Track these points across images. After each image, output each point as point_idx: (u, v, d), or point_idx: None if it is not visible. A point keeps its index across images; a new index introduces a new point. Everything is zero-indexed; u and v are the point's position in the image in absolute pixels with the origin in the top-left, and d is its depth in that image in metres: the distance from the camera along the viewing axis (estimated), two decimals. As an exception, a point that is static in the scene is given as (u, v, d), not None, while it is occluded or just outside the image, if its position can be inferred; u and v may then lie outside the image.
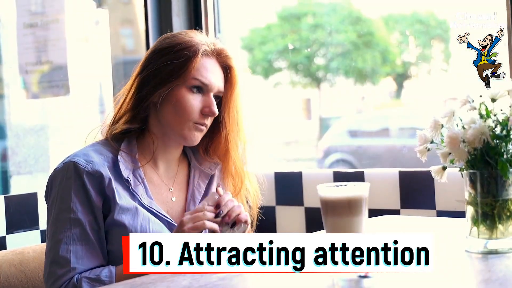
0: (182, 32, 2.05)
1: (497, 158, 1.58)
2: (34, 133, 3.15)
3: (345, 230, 1.48)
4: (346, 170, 2.72)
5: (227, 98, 2.04)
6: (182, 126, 1.95)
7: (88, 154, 1.92)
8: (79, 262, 1.83)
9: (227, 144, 2.07)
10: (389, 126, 7.03)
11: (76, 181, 1.86)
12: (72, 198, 1.85)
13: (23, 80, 3.05)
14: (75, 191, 1.86)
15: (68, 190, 1.86)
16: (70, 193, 1.86)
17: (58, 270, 1.83)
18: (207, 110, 1.95)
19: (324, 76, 8.55)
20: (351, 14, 7.28)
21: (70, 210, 1.85)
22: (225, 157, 2.09)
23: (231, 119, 2.05)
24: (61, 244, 1.84)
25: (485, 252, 1.61)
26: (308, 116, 8.75)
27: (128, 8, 3.71)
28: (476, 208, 1.62)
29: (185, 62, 1.94)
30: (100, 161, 1.91)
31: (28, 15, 3.02)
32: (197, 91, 1.96)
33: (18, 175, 3.09)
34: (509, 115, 1.60)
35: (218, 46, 2.03)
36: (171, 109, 1.95)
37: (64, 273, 1.82)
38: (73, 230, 1.85)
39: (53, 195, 1.90)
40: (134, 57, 3.74)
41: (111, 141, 1.97)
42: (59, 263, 1.83)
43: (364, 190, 1.50)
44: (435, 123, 1.67)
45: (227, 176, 2.11)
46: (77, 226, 1.85)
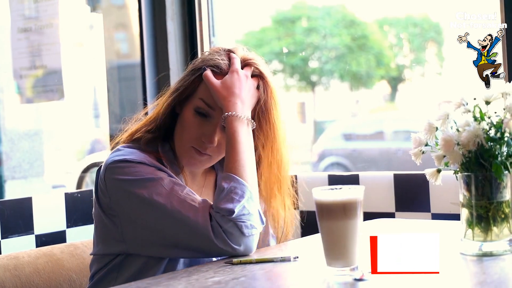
0: (225, 50, 1.99)
1: (492, 161, 1.58)
2: (29, 137, 3.15)
3: (340, 234, 1.49)
4: (341, 173, 2.72)
5: (256, 111, 1.94)
6: (180, 148, 1.91)
7: (135, 153, 1.86)
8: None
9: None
10: (384, 129, 7.04)
11: (137, 165, 1.81)
12: (140, 170, 1.79)
13: (17, 85, 3.05)
14: (139, 167, 1.80)
15: (133, 173, 1.80)
16: (137, 172, 1.79)
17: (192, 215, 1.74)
18: (205, 138, 1.87)
19: (318, 79, 8.56)
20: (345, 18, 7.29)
21: (148, 178, 1.78)
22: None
23: (262, 134, 1.94)
24: (168, 200, 1.75)
25: (480, 255, 1.61)
26: (302, 120, 8.75)
27: (122, 12, 3.71)
28: (471, 211, 1.62)
29: (196, 81, 1.92)
30: (151, 160, 1.85)
31: (22, 20, 3.02)
32: (202, 115, 1.89)
33: (12, 179, 3.08)
34: (503, 118, 1.60)
35: (249, 61, 1.97)
36: (179, 126, 1.92)
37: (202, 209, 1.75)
38: (164, 183, 1.78)
39: (120, 191, 1.82)
40: (128, 61, 3.74)
41: (145, 146, 1.91)
42: (187, 211, 1.75)
43: (359, 193, 1.50)
44: (430, 126, 1.68)
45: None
46: (164, 179, 1.78)
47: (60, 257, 2.25)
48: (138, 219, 1.78)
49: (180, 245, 1.76)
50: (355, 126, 7.66)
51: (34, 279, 2.14)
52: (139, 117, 2.04)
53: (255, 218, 1.76)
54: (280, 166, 1.98)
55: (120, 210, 1.82)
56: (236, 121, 1.84)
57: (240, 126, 1.84)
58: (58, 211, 2.64)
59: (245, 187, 1.77)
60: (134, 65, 3.30)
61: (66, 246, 2.33)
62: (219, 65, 1.93)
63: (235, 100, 1.86)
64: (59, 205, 2.65)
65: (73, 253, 2.29)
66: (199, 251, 1.76)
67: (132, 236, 1.81)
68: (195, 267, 1.67)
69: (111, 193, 1.83)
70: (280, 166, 1.98)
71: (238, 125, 1.84)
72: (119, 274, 1.86)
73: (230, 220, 1.72)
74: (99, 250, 1.91)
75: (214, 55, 1.96)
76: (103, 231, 1.89)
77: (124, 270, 1.85)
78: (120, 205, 1.82)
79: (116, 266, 1.87)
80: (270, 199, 1.99)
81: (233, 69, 1.91)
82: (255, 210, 1.77)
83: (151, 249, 1.80)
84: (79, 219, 2.69)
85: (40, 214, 2.58)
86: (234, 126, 1.84)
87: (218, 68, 1.92)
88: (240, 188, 1.76)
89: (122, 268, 1.86)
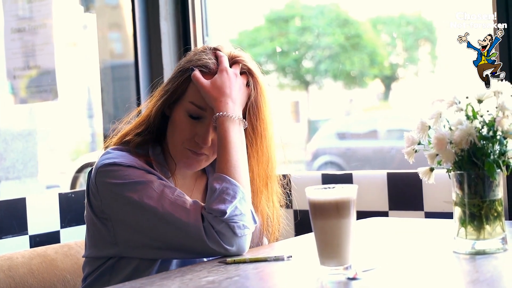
0: (211, 49, 1.98)
1: (484, 159, 1.59)
2: (22, 138, 3.14)
3: (333, 233, 1.49)
4: (335, 172, 2.72)
5: (246, 108, 1.93)
6: (175, 150, 1.90)
7: (124, 156, 1.86)
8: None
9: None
10: (377, 128, 7.04)
11: (127, 168, 1.81)
12: (130, 174, 1.79)
13: (11, 85, 3.05)
14: (129, 170, 1.80)
15: (123, 177, 1.79)
16: (126, 176, 1.79)
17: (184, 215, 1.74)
18: (198, 139, 1.87)
19: (312, 78, 8.56)
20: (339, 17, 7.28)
21: (138, 181, 1.78)
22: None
23: (252, 131, 1.94)
24: (159, 203, 1.75)
25: (472, 253, 1.61)
26: (296, 119, 8.75)
27: (116, 12, 3.71)
28: (464, 209, 1.63)
29: (185, 83, 1.91)
30: (140, 163, 1.85)
31: (15, 20, 3.01)
32: (194, 117, 1.89)
33: (6, 180, 3.08)
34: (496, 116, 1.60)
35: (237, 58, 1.96)
36: (170, 128, 1.92)
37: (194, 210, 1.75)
38: (154, 186, 1.78)
39: (111, 195, 1.81)
40: (122, 61, 3.74)
41: (134, 149, 1.90)
42: (178, 212, 1.74)
43: (352, 192, 1.51)
44: (422, 125, 1.68)
45: None
46: (154, 182, 1.78)
47: (54, 257, 2.25)
48: (130, 222, 1.78)
49: (172, 247, 1.76)
50: (349, 125, 7.66)
51: (28, 279, 2.14)
52: (128, 119, 2.03)
53: (247, 218, 1.76)
54: (269, 163, 1.97)
55: (112, 213, 1.82)
56: (228, 122, 1.84)
57: (231, 126, 1.84)
58: (52, 212, 2.64)
59: (237, 187, 1.77)
60: (128, 65, 3.29)
61: (60, 246, 2.33)
62: (207, 64, 1.92)
63: (226, 100, 1.86)
64: (53, 205, 2.64)
65: (67, 254, 2.29)
66: (191, 252, 1.76)
67: (124, 238, 1.81)
68: (188, 266, 1.67)
69: (102, 196, 1.83)
70: (269, 163, 1.97)
71: (230, 125, 1.84)
72: (112, 277, 1.86)
73: (222, 221, 1.72)
74: (91, 253, 1.90)
75: (201, 54, 1.95)
76: (95, 234, 1.88)
77: (116, 273, 1.85)
78: (112, 208, 1.81)
79: (108, 269, 1.87)
80: (257, 195, 1.98)
81: (221, 68, 1.90)
82: (247, 211, 1.77)
83: (144, 251, 1.80)
84: (73, 220, 2.69)
85: (34, 215, 2.58)
86: (225, 127, 1.83)
87: (206, 67, 1.91)
88: (232, 189, 1.76)
89: (114, 271, 1.86)
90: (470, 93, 1.64)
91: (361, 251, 1.66)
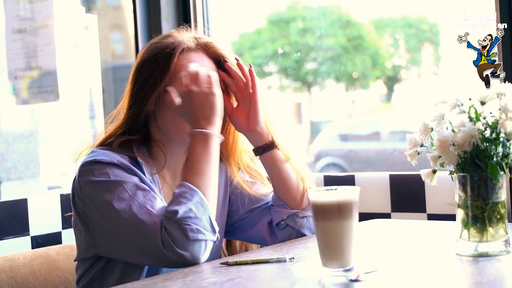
0: (165, 35, 2.01)
1: (487, 161, 1.58)
2: (24, 139, 3.14)
3: (335, 234, 1.49)
4: (337, 174, 2.72)
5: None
6: (183, 133, 1.89)
7: (107, 154, 1.85)
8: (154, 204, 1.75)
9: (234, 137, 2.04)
10: (380, 130, 7.04)
11: (106, 166, 1.80)
12: (108, 172, 1.79)
13: (13, 86, 3.04)
14: (107, 169, 1.80)
15: (101, 175, 1.79)
16: (104, 174, 1.79)
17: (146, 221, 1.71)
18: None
19: (314, 80, 8.56)
20: (341, 18, 7.29)
21: (114, 181, 1.77)
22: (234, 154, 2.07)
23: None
24: (127, 204, 1.73)
25: (475, 255, 1.61)
26: (299, 120, 8.75)
27: (118, 13, 3.71)
28: (467, 211, 1.62)
29: (167, 62, 1.90)
30: (124, 160, 1.84)
31: (16, 21, 3.01)
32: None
33: (8, 181, 3.08)
34: (499, 118, 1.60)
35: (204, 40, 1.98)
36: (169, 115, 1.90)
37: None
38: (128, 187, 1.77)
39: (88, 194, 1.80)
40: (123, 62, 3.74)
41: (118, 148, 1.89)
42: (143, 215, 1.72)
43: (354, 194, 1.50)
44: (425, 127, 1.68)
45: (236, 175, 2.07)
46: (129, 183, 1.78)
47: (56, 258, 2.25)
48: (103, 224, 1.77)
49: (136, 250, 1.73)
50: (351, 127, 7.67)
51: (30, 280, 2.13)
52: (110, 119, 2.02)
53: (203, 224, 1.71)
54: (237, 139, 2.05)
55: (91, 214, 1.80)
56: (198, 137, 1.84)
57: (201, 141, 1.83)
58: (54, 212, 2.64)
59: (195, 192, 1.74)
60: (129, 66, 3.28)
61: (61, 247, 2.33)
62: (188, 45, 1.95)
63: (199, 121, 1.85)
64: (54, 206, 2.64)
65: (69, 255, 2.29)
66: (150, 256, 1.72)
67: (100, 240, 1.80)
68: (190, 268, 1.67)
69: (84, 196, 1.81)
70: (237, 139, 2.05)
71: (199, 141, 1.83)
72: (103, 281, 1.85)
73: (174, 222, 1.68)
74: (79, 256, 1.90)
75: (161, 41, 1.97)
76: (79, 236, 1.88)
77: (106, 277, 1.84)
78: (90, 209, 1.80)
79: (98, 273, 1.86)
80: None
81: (187, 87, 1.88)
82: (205, 217, 1.72)
83: (118, 254, 1.79)
84: (74, 221, 2.68)
85: (35, 216, 2.58)
86: (194, 142, 1.83)
87: (187, 47, 1.94)
88: (189, 193, 1.73)
89: (105, 274, 1.85)
90: (473, 95, 1.64)
91: (364, 253, 1.66)
